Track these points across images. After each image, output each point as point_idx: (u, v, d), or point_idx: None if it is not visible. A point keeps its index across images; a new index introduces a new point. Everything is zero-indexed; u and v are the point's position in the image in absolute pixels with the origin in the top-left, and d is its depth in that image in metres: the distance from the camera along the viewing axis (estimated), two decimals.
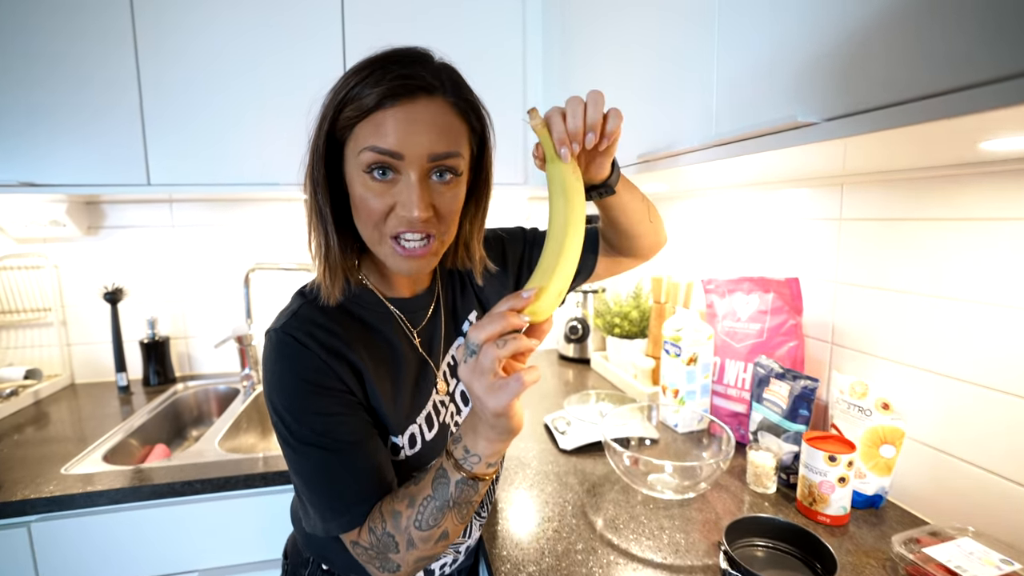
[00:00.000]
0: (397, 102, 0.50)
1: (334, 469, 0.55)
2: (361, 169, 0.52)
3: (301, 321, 0.57)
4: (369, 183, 0.53)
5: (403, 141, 0.50)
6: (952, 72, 0.36)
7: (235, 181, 1.23)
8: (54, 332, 1.49)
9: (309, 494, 0.57)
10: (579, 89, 1.11)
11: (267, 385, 0.56)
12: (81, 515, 0.93)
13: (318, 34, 1.22)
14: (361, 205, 0.54)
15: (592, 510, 0.82)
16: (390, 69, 0.51)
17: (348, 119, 0.52)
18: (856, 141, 0.52)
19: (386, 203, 0.53)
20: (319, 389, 0.55)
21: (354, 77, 0.52)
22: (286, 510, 1.01)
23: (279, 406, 0.55)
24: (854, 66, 0.45)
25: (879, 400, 0.79)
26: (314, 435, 0.55)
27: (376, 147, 0.51)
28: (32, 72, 1.11)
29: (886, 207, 0.83)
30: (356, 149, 0.52)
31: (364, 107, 0.51)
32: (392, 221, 0.54)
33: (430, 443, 0.64)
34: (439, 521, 0.53)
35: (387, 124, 0.50)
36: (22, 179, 1.12)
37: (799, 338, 0.97)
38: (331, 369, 0.56)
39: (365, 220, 0.55)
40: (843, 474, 0.75)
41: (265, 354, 0.57)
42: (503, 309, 0.45)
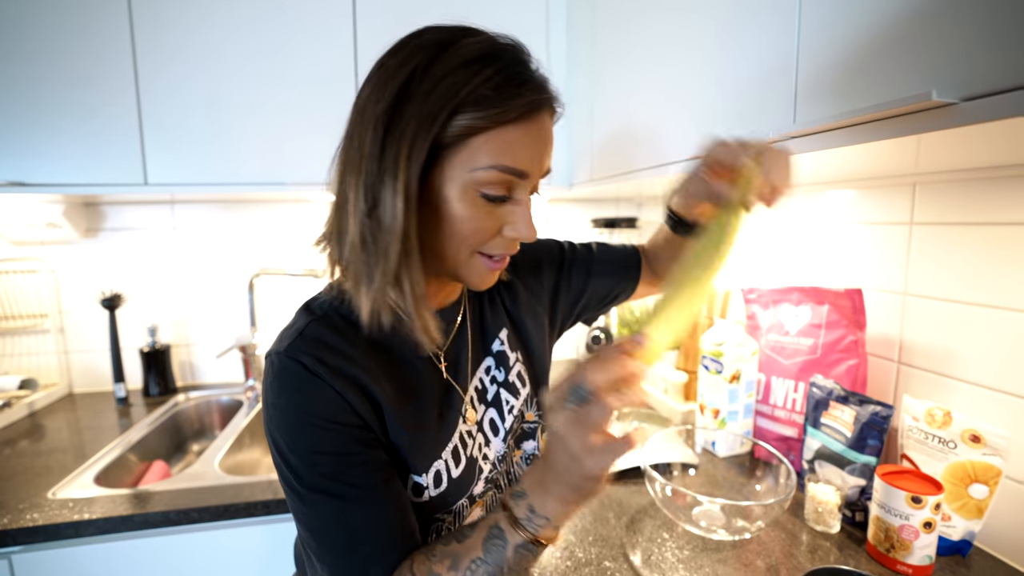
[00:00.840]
0: (529, 118, 0.45)
1: (349, 520, 0.46)
2: (473, 186, 0.45)
3: (308, 343, 0.48)
4: (478, 202, 0.45)
5: (531, 161, 0.46)
6: None
7: (238, 181, 1.15)
8: (51, 339, 1.42)
9: (319, 549, 0.47)
10: (614, 83, 1.02)
11: (268, 420, 0.47)
12: (67, 546, 0.84)
13: (328, 22, 1.13)
14: (459, 224, 0.46)
15: (632, 549, 0.73)
16: (518, 73, 0.44)
17: (466, 127, 0.43)
18: (930, 138, 0.42)
19: (494, 224, 0.47)
20: (331, 425, 0.46)
21: (473, 75, 0.42)
22: (289, 541, 0.93)
23: (283, 445, 0.47)
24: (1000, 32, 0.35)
25: (967, 431, 0.69)
26: (325, 480, 0.46)
27: (508, 167, 0.44)
28: (23, 65, 1.04)
29: (971, 210, 0.73)
30: (469, 164, 0.44)
31: (496, 121, 0.43)
32: (495, 242, 0.48)
33: (457, 480, 0.55)
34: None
35: (520, 142, 0.44)
36: (11, 178, 1.05)
37: (860, 356, 0.86)
38: (344, 401, 0.47)
39: (458, 239, 0.47)
40: (929, 518, 0.65)
41: (266, 382, 0.48)
42: (618, 353, 0.38)
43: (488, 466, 0.60)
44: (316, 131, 1.16)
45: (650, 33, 0.88)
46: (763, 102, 0.61)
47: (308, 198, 1.45)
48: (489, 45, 0.45)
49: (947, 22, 0.39)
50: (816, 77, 0.53)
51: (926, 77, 0.40)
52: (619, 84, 1.01)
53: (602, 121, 1.10)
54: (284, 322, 0.54)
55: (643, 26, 0.90)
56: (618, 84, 1.01)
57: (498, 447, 0.61)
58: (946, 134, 0.46)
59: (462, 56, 0.43)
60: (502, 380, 0.63)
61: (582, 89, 1.19)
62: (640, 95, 0.93)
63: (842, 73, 0.49)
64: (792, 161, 0.45)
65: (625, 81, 0.98)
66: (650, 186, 1.15)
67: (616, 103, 1.03)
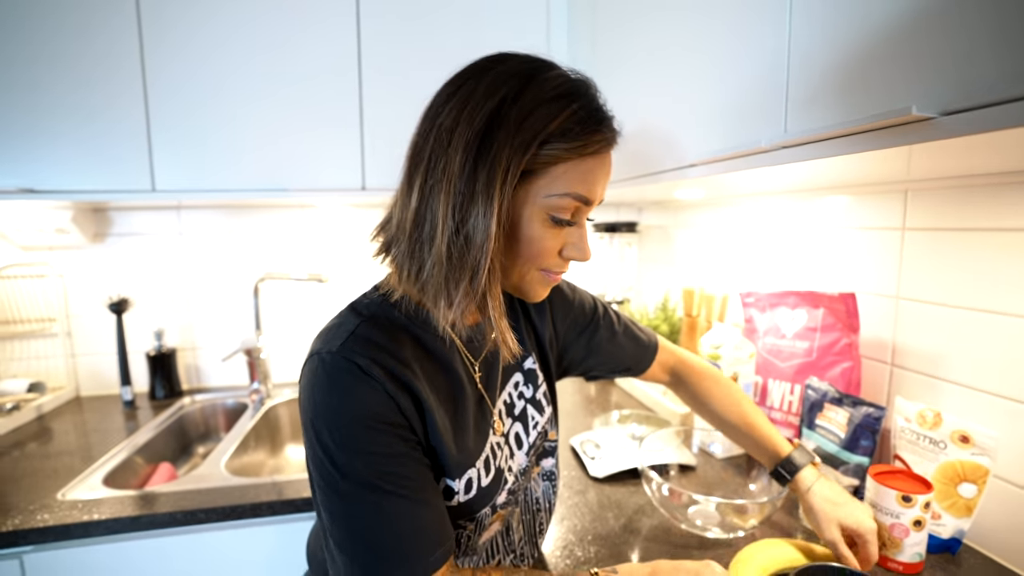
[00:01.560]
0: (602, 153, 0.50)
1: (392, 517, 0.47)
2: (547, 210, 0.49)
3: (361, 344, 0.49)
4: (547, 224, 0.50)
5: (595, 190, 0.51)
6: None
7: (244, 187, 1.17)
8: (59, 343, 1.44)
9: (353, 546, 0.47)
10: (614, 90, 1.04)
11: (315, 418, 0.48)
12: (77, 546, 0.86)
13: (331, 33, 1.16)
14: (528, 244, 0.50)
15: (630, 548, 0.74)
16: (597, 110, 0.49)
17: (551, 156, 0.47)
18: (922, 149, 0.44)
19: (558, 245, 0.52)
20: (381, 426, 0.48)
21: (562, 109, 0.47)
22: (295, 541, 0.94)
23: (329, 442, 0.47)
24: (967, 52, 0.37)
25: (956, 432, 0.70)
26: (371, 479, 0.47)
27: (581, 195, 0.49)
28: (30, 72, 1.06)
29: (961, 216, 0.75)
30: (549, 189, 0.48)
31: (578, 152, 0.48)
32: (555, 261, 0.53)
33: (485, 489, 0.56)
34: None
35: (592, 174, 0.50)
36: (22, 185, 1.08)
37: (854, 359, 0.88)
38: (395, 403, 0.48)
39: (526, 257, 0.51)
40: (919, 517, 0.67)
41: (313, 381, 0.49)
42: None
43: (512, 478, 0.61)
44: (319, 139, 1.18)
45: (650, 38, 0.90)
46: (759, 110, 0.63)
47: (313, 204, 1.47)
48: (571, 81, 0.49)
49: (925, 42, 0.41)
50: (806, 89, 0.55)
51: (908, 92, 0.42)
52: (619, 89, 1.02)
53: None
54: (306, 319, 0.55)
55: (643, 31, 0.92)
56: (618, 90, 1.03)
57: (521, 460, 0.63)
58: (938, 144, 0.48)
59: (550, 89, 0.47)
60: (529, 397, 0.66)
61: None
62: (639, 102, 0.95)
63: (832, 85, 0.51)
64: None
65: (625, 86, 1.00)
66: (654, 191, 1.17)
67: (619, 109, 1.05)
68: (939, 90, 0.40)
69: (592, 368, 0.77)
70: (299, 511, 0.93)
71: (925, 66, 0.42)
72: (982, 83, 0.37)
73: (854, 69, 0.48)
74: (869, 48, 0.47)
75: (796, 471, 0.70)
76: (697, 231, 1.37)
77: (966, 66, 0.38)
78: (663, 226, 1.54)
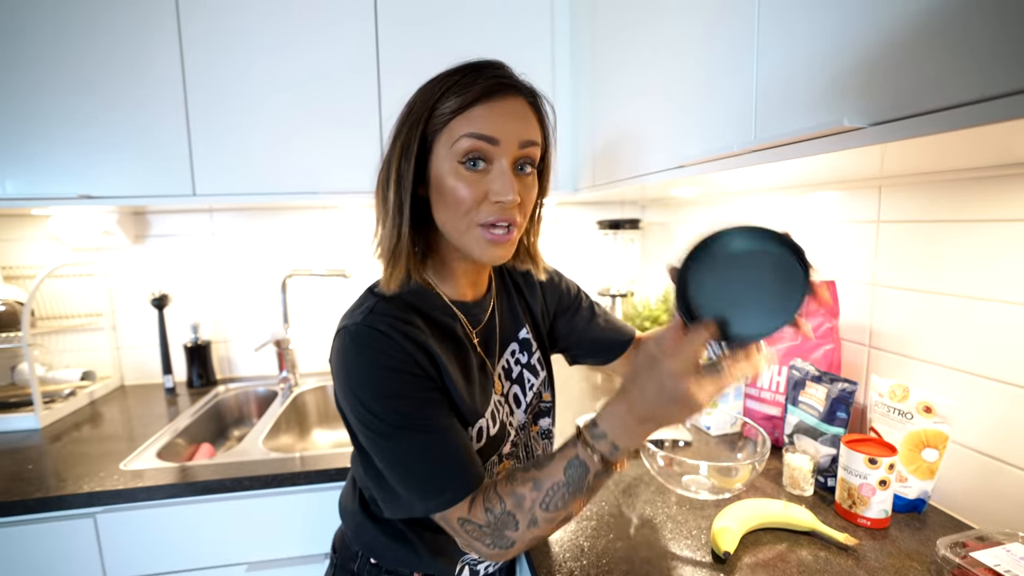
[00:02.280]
0: (492, 98, 0.56)
1: (429, 449, 0.57)
2: (456, 160, 0.56)
3: (379, 315, 0.59)
4: (462, 173, 0.56)
5: (499, 129, 0.55)
6: (1005, 75, 0.37)
7: (276, 191, 1.28)
8: (106, 336, 1.57)
9: (405, 478, 0.57)
10: (611, 94, 1.13)
11: (349, 380, 0.57)
12: (141, 508, 0.98)
13: (354, 49, 1.26)
14: (452, 195, 0.57)
15: (628, 509, 0.84)
16: (481, 72, 0.57)
17: (443, 115, 0.56)
18: (902, 144, 0.52)
19: (479, 192, 0.56)
20: (405, 375, 0.57)
21: (446, 81, 0.57)
22: (327, 507, 1.05)
23: (365, 397, 0.56)
24: (901, 68, 0.46)
25: (920, 403, 0.78)
26: (406, 419, 0.56)
27: (473, 133, 0.55)
28: (89, 93, 1.18)
29: (927, 209, 0.83)
30: (450, 141, 0.56)
31: (460, 104, 0.55)
32: (484, 209, 0.57)
33: (493, 438, 0.66)
34: (567, 505, 0.55)
35: (484, 115, 0.55)
36: (81, 192, 1.20)
37: (835, 341, 0.96)
38: (412, 357, 0.57)
39: (455, 210, 0.57)
40: (884, 477, 0.75)
41: (343, 350, 0.58)
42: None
43: (513, 432, 0.71)
44: (344, 146, 1.29)
45: (646, 43, 0.98)
46: (735, 120, 0.72)
47: (336, 205, 1.58)
48: (465, 64, 0.59)
49: (859, 63, 0.50)
50: (769, 102, 0.63)
51: (844, 106, 0.50)
52: (619, 92, 1.11)
53: (603, 128, 1.20)
54: (330, 311, 0.66)
55: (639, 36, 1.00)
56: (618, 92, 1.11)
57: (520, 417, 0.74)
58: (903, 145, 0.55)
59: (443, 73, 0.58)
60: (525, 362, 0.75)
61: (584, 98, 1.30)
62: (637, 102, 1.04)
63: (791, 99, 0.60)
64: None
65: (624, 89, 1.08)
66: (653, 189, 1.25)
67: (615, 111, 1.14)
68: (869, 104, 0.48)
69: (572, 347, 0.86)
70: (331, 480, 1.04)
71: (856, 84, 0.50)
72: (906, 98, 0.46)
73: (806, 86, 0.57)
74: (818, 68, 0.55)
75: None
76: (696, 227, 1.45)
77: (893, 83, 0.47)
78: (664, 223, 1.63)
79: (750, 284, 0.49)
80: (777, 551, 0.72)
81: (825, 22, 0.54)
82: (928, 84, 0.43)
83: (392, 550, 0.70)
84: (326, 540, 1.05)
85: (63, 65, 1.17)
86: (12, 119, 1.16)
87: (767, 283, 0.49)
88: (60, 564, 0.97)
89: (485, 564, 0.74)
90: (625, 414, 0.52)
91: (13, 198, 1.18)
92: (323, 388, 1.57)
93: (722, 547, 0.70)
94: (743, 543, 0.74)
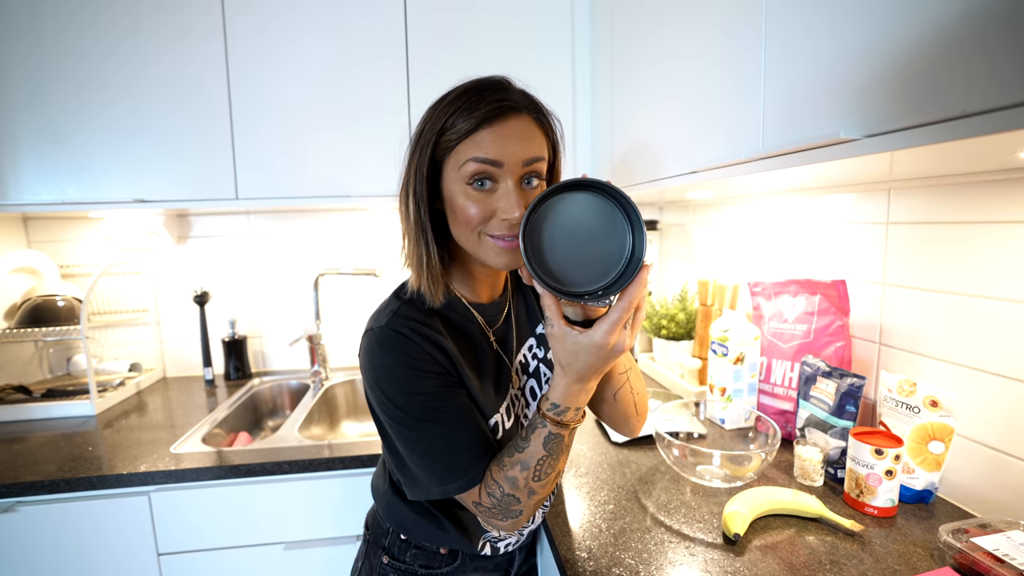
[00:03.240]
0: (494, 122, 0.59)
1: (448, 438, 0.63)
2: (464, 181, 0.61)
3: (402, 318, 0.65)
4: (470, 193, 0.61)
5: (501, 152, 0.59)
6: (998, 91, 0.41)
7: (312, 194, 1.36)
8: (151, 331, 1.67)
9: (426, 463, 0.64)
10: (630, 99, 1.18)
11: (376, 377, 0.64)
12: (190, 487, 1.06)
13: (384, 62, 1.34)
14: (462, 213, 0.61)
15: (644, 496, 0.88)
16: (483, 96, 0.60)
17: (449, 140, 0.61)
18: (901, 154, 0.56)
19: (487, 210, 0.61)
20: (425, 373, 0.63)
21: (451, 106, 0.61)
22: (359, 491, 1.12)
23: (390, 393, 0.63)
24: (896, 84, 0.50)
25: (927, 397, 0.82)
26: (426, 411, 0.63)
27: (478, 157, 0.59)
28: (140, 103, 1.28)
29: (935, 211, 0.86)
30: (458, 164, 0.61)
31: (465, 130, 0.60)
32: (493, 225, 0.61)
33: (508, 431, 0.72)
34: (555, 467, 0.63)
35: (486, 140, 0.59)
36: (135, 196, 1.29)
37: (846, 338, 0.99)
38: (431, 357, 0.64)
39: (465, 226, 0.62)
40: (890, 467, 0.78)
41: (369, 350, 0.65)
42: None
43: None
44: (375, 153, 1.37)
45: (663, 49, 1.02)
46: (745, 129, 0.76)
47: (367, 207, 1.66)
48: (469, 85, 0.62)
49: (857, 79, 0.54)
50: (775, 113, 0.68)
51: (842, 119, 0.55)
52: (638, 98, 1.15)
53: (621, 133, 1.25)
54: (351, 308, 0.73)
55: (657, 43, 1.04)
56: (637, 97, 1.16)
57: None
58: (911, 153, 0.59)
59: (447, 97, 0.62)
60: (542, 357, 0.81)
61: (604, 104, 1.35)
62: (656, 108, 1.09)
63: (795, 110, 0.64)
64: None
65: (642, 95, 1.13)
66: (670, 192, 1.30)
67: (634, 116, 1.19)
68: (866, 115, 0.53)
69: None
70: (362, 466, 1.11)
71: (853, 98, 0.55)
72: (900, 112, 0.50)
73: (808, 98, 0.61)
74: (819, 82, 0.60)
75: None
76: (712, 228, 1.49)
77: (889, 96, 0.51)
78: (682, 224, 1.66)
79: (580, 237, 0.55)
80: (785, 535, 0.76)
81: (824, 40, 0.58)
82: (921, 97, 0.47)
83: (420, 527, 0.76)
84: (357, 523, 1.12)
85: (115, 81, 1.27)
86: (71, 131, 1.27)
87: (594, 231, 0.55)
88: (118, 537, 1.06)
89: (504, 541, 0.80)
90: (578, 384, 0.60)
91: (75, 202, 1.29)
92: (352, 382, 1.65)
93: (732, 529, 0.74)
94: (753, 527, 0.78)
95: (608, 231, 0.55)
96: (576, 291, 0.56)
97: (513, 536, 0.81)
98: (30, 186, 1.28)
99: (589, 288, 0.56)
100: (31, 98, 1.25)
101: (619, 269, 0.55)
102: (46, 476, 1.01)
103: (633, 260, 0.55)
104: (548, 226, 0.55)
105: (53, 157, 1.27)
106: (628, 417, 0.76)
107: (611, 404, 0.74)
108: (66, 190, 1.28)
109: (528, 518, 0.66)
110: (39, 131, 1.26)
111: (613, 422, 0.78)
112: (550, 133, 0.66)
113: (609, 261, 0.55)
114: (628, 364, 0.74)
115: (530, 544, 0.90)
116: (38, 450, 1.14)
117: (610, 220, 0.55)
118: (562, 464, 0.64)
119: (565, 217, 0.55)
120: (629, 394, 0.74)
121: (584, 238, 0.55)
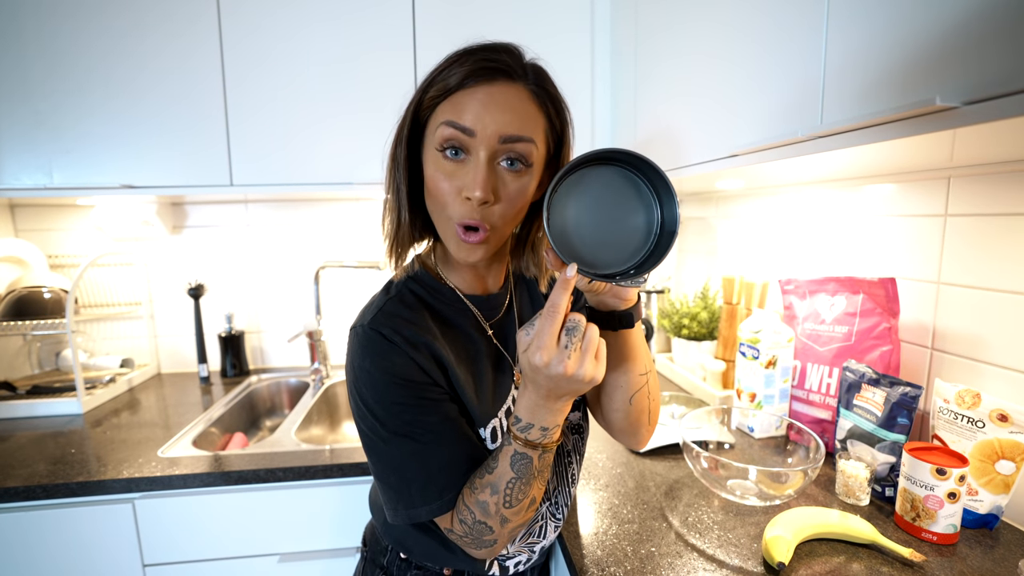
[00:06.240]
0: (477, 83, 0.52)
1: (425, 457, 0.56)
2: (435, 147, 0.54)
3: (386, 316, 0.58)
4: (440, 162, 0.54)
5: (477, 119, 0.51)
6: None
7: (311, 181, 1.28)
8: (144, 325, 1.60)
9: (397, 482, 0.57)
10: (657, 78, 1.08)
11: (355, 380, 0.57)
12: (177, 495, 0.99)
13: (390, 43, 1.25)
14: (431, 185, 0.55)
15: (671, 512, 0.80)
16: (476, 54, 0.53)
17: (432, 99, 0.54)
18: (978, 130, 0.48)
19: (454, 185, 0.53)
20: (406, 383, 0.56)
21: (444, 63, 0.54)
22: (359, 501, 1.04)
23: (368, 399, 0.56)
24: (999, 44, 0.41)
25: (994, 411, 0.73)
26: (404, 426, 0.56)
27: (451, 121, 0.52)
28: (132, 85, 1.20)
29: (1003, 201, 0.76)
30: (434, 127, 0.54)
31: (447, 87, 0.52)
32: (457, 203, 0.54)
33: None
34: (527, 493, 0.55)
35: (465, 102, 0.52)
36: (123, 181, 1.21)
37: (894, 342, 0.90)
38: (415, 363, 0.57)
39: (434, 201, 0.56)
40: (953, 489, 0.70)
41: (352, 350, 0.58)
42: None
43: None
44: (378, 138, 1.28)
45: (698, 24, 0.93)
46: (796, 106, 0.67)
47: (369, 196, 1.57)
48: (472, 45, 0.55)
49: (951, 38, 0.45)
50: (842, 83, 0.59)
51: (930, 87, 0.46)
52: (666, 79, 1.05)
53: (646, 117, 1.16)
54: (350, 302, 0.64)
55: (691, 16, 0.96)
56: (665, 79, 1.06)
57: None
58: (979, 130, 0.51)
59: (442, 60, 0.55)
60: None
61: (626, 78, 1.25)
62: (688, 87, 0.99)
63: (867, 80, 0.55)
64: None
65: (671, 75, 1.03)
66: (692, 183, 1.21)
67: (661, 99, 1.10)
68: (961, 83, 0.44)
69: None
70: (364, 473, 1.03)
71: (946, 62, 0.46)
72: (998, 78, 0.41)
73: (885, 65, 0.52)
74: (902, 48, 0.51)
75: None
76: (738, 221, 1.39)
77: (984, 63, 0.42)
78: (703, 217, 1.57)
79: (605, 215, 0.50)
80: (834, 564, 0.68)
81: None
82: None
83: (421, 544, 0.68)
84: (356, 534, 1.04)
85: (107, 59, 1.18)
86: (58, 113, 1.19)
87: (619, 207, 0.50)
88: (100, 548, 0.99)
89: (514, 560, 0.72)
90: (537, 399, 0.52)
91: (60, 187, 1.21)
92: None
93: (776, 557, 0.66)
94: (796, 554, 0.70)
95: (634, 205, 0.51)
96: (606, 272, 0.51)
97: (523, 554, 0.72)
98: (13, 170, 1.20)
99: (619, 269, 0.51)
100: (15, 81, 1.17)
101: (649, 244, 0.51)
102: (21, 481, 0.94)
103: (664, 233, 0.50)
104: (572, 205, 0.50)
105: (37, 140, 1.19)
106: (639, 426, 0.67)
107: (624, 410, 0.65)
108: (52, 174, 1.21)
109: (503, 547, 0.59)
110: (23, 114, 1.18)
111: (621, 431, 0.68)
112: (552, 117, 0.57)
113: (637, 237, 0.51)
114: (648, 366, 0.65)
115: (543, 564, 0.82)
116: (17, 452, 1.07)
117: (635, 192, 0.51)
118: (536, 491, 0.56)
119: (587, 195, 0.50)
120: (646, 399, 0.65)
121: (609, 215, 0.51)
